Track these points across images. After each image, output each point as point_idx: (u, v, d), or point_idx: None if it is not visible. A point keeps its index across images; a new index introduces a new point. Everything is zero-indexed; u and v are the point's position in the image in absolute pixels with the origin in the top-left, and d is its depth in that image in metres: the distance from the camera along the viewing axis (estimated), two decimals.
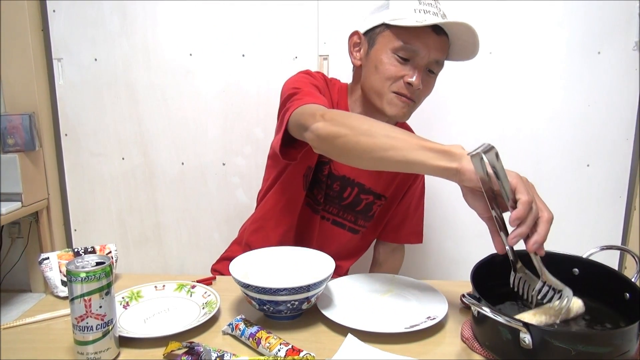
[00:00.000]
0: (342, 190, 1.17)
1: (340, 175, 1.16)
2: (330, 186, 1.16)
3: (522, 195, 0.68)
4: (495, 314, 0.65)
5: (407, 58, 1.02)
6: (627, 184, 1.87)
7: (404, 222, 1.31)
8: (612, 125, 1.82)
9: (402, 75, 1.03)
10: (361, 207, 1.20)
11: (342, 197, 1.18)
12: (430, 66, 1.05)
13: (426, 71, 1.05)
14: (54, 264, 0.96)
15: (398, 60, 1.03)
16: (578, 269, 0.84)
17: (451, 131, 1.87)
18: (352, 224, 1.22)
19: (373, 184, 1.19)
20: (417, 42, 1.01)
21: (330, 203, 1.19)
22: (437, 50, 1.02)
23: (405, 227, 1.32)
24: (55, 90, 1.99)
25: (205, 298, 0.90)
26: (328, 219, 1.20)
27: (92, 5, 1.89)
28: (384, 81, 1.04)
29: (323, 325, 0.82)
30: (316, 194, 1.17)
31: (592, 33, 1.76)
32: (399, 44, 1.01)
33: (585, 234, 1.89)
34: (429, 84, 1.08)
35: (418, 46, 1.01)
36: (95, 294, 0.69)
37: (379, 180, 1.20)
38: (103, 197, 2.06)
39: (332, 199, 1.18)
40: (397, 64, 1.03)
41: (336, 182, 1.16)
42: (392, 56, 1.03)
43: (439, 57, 1.04)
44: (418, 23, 0.97)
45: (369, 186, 1.19)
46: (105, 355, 0.71)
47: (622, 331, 0.66)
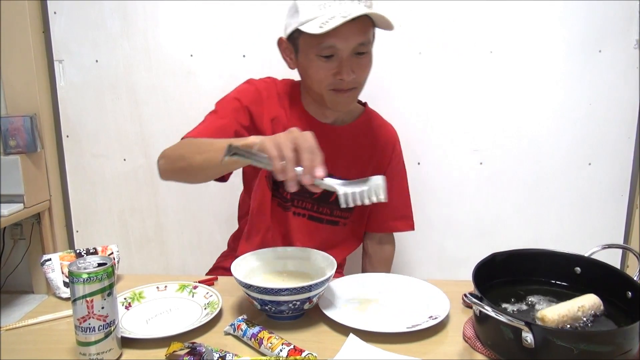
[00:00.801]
0: None
1: None
2: None
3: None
4: (497, 313, 0.65)
5: (330, 55, 1.02)
6: (629, 182, 1.86)
7: (385, 208, 1.24)
8: (613, 124, 1.82)
9: (332, 73, 1.03)
10: (333, 198, 1.16)
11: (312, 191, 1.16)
12: (357, 50, 1.03)
13: (355, 56, 1.04)
14: (56, 265, 0.96)
15: (323, 60, 1.03)
16: (580, 268, 0.84)
17: (452, 131, 1.87)
18: (328, 216, 1.20)
19: (343, 172, 1.16)
20: (333, 38, 0.99)
21: (301, 198, 1.17)
22: (356, 36, 1.01)
23: (388, 213, 1.27)
24: (57, 91, 1.99)
25: (207, 298, 0.90)
26: (303, 214, 1.18)
27: (92, 7, 1.89)
28: (318, 83, 1.06)
29: (325, 325, 0.82)
30: (282, 191, 1.16)
31: (593, 31, 1.76)
32: (317, 46, 1.01)
33: (587, 233, 1.89)
34: (363, 64, 1.07)
35: (335, 42, 1.00)
36: (97, 295, 0.69)
37: (350, 168, 1.17)
38: (105, 198, 2.06)
39: (301, 194, 1.15)
40: (323, 64, 1.03)
41: None
42: (315, 58, 1.03)
43: (361, 40, 1.02)
44: (321, 29, 0.95)
45: (338, 175, 1.13)
46: (107, 356, 0.71)
47: (624, 330, 0.66)
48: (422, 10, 1.79)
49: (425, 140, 1.89)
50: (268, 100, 1.14)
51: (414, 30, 1.81)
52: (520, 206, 1.89)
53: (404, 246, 1.98)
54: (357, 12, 0.95)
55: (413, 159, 1.91)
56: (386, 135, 1.27)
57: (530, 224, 1.90)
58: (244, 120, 1.10)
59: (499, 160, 1.88)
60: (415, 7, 1.79)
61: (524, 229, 1.90)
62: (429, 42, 1.81)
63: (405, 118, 1.88)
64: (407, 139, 1.89)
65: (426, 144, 1.89)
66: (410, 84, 1.85)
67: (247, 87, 1.16)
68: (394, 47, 1.83)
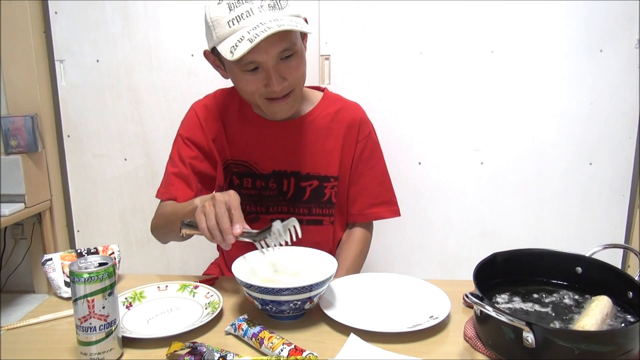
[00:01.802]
0: (279, 184, 1.10)
1: (270, 171, 1.10)
2: (267, 186, 1.10)
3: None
4: (498, 313, 0.65)
5: (255, 67, 0.95)
6: (630, 182, 1.86)
7: (363, 196, 1.15)
8: (614, 123, 1.82)
9: (262, 85, 0.97)
10: (307, 195, 1.11)
11: (284, 192, 1.11)
12: (282, 56, 0.95)
13: (282, 62, 0.96)
14: (57, 265, 0.96)
15: (249, 73, 0.96)
16: (581, 268, 0.84)
17: (453, 131, 1.87)
18: (308, 216, 1.12)
19: (311, 167, 1.10)
20: (251, 55, 0.92)
21: (275, 202, 1.12)
22: (274, 47, 0.93)
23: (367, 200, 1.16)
24: (58, 91, 1.99)
25: (208, 298, 0.90)
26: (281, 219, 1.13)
27: (93, 7, 1.89)
28: (251, 95, 1.01)
29: (325, 325, 0.82)
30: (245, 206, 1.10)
31: (594, 31, 1.76)
32: (238, 63, 0.94)
33: (588, 233, 1.89)
34: (293, 67, 0.98)
35: (254, 57, 0.93)
36: (98, 295, 0.69)
37: (318, 162, 1.11)
38: (106, 198, 2.06)
39: (274, 197, 1.11)
40: (250, 78, 0.97)
41: (270, 179, 1.10)
42: (241, 73, 0.97)
43: (281, 47, 0.94)
44: (232, 55, 0.89)
45: (307, 171, 1.10)
46: (108, 355, 0.71)
47: (625, 330, 0.66)
48: (422, 10, 1.79)
49: (426, 140, 1.89)
50: (206, 122, 1.11)
51: (415, 30, 1.81)
52: (521, 206, 1.89)
53: (404, 246, 1.98)
54: (264, 33, 0.87)
55: (414, 158, 1.91)
56: (349, 118, 1.14)
57: (531, 223, 1.90)
58: (191, 152, 1.11)
59: (500, 160, 1.88)
60: (415, 7, 1.79)
61: (524, 229, 1.90)
62: (429, 42, 1.81)
63: (406, 118, 1.88)
64: (407, 139, 1.90)
65: (427, 144, 1.89)
66: (411, 83, 1.85)
67: (187, 116, 1.14)
68: (394, 47, 1.83)
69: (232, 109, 1.12)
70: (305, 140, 1.11)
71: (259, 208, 1.12)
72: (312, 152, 1.11)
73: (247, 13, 0.90)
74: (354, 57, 1.85)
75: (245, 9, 0.90)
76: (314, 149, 1.11)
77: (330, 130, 1.12)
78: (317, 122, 1.11)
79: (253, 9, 0.90)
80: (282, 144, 1.10)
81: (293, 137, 1.10)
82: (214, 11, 0.93)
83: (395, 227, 1.95)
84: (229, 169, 1.13)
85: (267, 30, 0.87)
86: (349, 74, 1.87)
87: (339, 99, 1.18)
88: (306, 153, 1.11)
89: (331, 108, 1.13)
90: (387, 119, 1.87)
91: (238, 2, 0.91)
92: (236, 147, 1.12)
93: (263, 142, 1.10)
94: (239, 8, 0.91)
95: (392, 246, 1.98)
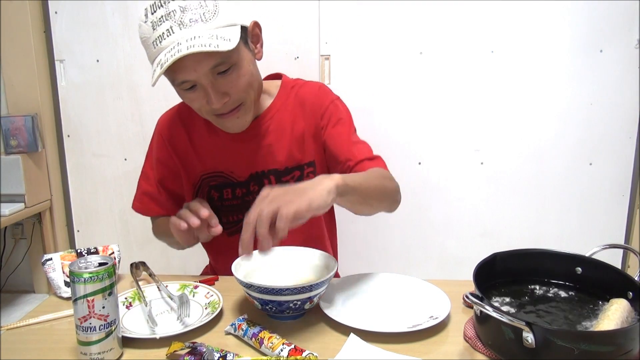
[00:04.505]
0: (261, 186, 1.04)
1: (248, 175, 1.07)
2: (248, 191, 1.08)
3: None
4: (498, 313, 0.65)
5: (193, 85, 0.90)
6: (630, 182, 1.86)
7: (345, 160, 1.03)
8: (614, 124, 1.82)
9: (205, 102, 0.92)
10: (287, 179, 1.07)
11: None
12: (218, 71, 0.89)
13: (219, 77, 0.90)
14: (57, 264, 0.96)
15: (189, 92, 0.91)
16: (581, 268, 0.84)
17: (453, 131, 1.87)
18: None
19: (288, 160, 1.06)
20: (179, 75, 0.88)
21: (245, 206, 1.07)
22: (201, 65, 0.86)
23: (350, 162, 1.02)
24: (58, 91, 1.99)
25: (207, 298, 0.90)
26: None
27: (93, 7, 1.89)
28: (199, 112, 0.97)
29: (325, 325, 0.82)
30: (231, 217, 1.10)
31: (594, 31, 1.76)
32: (173, 82, 0.91)
33: (588, 233, 1.89)
34: (233, 80, 0.91)
35: (184, 77, 0.88)
36: (98, 295, 0.69)
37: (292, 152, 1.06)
38: (106, 198, 2.06)
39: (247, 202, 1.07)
40: (192, 95, 0.92)
41: (250, 184, 1.07)
42: (181, 92, 0.93)
43: (211, 64, 0.87)
44: (153, 80, 0.85)
45: (285, 165, 1.06)
46: (108, 355, 0.71)
47: (625, 330, 0.66)
48: (422, 10, 1.79)
49: (426, 140, 1.89)
50: (170, 140, 1.10)
51: (415, 30, 1.81)
52: (521, 206, 1.90)
53: (404, 246, 1.98)
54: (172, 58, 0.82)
55: (414, 158, 1.91)
56: (308, 97, 1.08)
57: (531, 223, 1.90)
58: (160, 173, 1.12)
59: (500, 160, 1.88)
60: (415, 7, 1.79)
61: (524, 229, 1.90)
62: (429, 42, 1.81)
63: (406, 118, 1.88)
64: (407, 139, 1.90)
65: (427, 144, 1.89)
66: (411, 83, 1.85)
67: (155, 133, 1.13)
68: (394, 47, 1.83)
69: (197, 121, 1.07)
70: (273, 135, 1.06)
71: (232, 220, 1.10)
72: (283, 144, 1.06)
73: (168, 32, 0.84)
74: (354, 57, 1.85)
75: (166, 27, 0.84)
76: (284, 141, 1.06)
77: (295, 116, 1.07)
78: (280, 113, 1.07)
79: (173, 27, 0.84)
80: (252, 146, 1.06)
81: (261, 136, 1.06)
82: (141, 31, 0.89)
83: (395, 227, 1.95)
84: (205, 184, 1.09)
85: (176, 55, 0.81)
86: (349, 74, 1.87)
87: (296, 83, 1.11)
88: (278, 147, 1.06)
89: (290, 95, 1.08)
90: (387, 118, 1.87)
91: (160, 21, 0.85)
92: (207, 160, 1.08)
93: (232, 149, 1.06)
94: (160, 27, 0.85)
95: (392, 246, 1.98)
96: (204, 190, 1.10)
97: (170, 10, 0.85)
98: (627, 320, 0.71)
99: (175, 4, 0.85)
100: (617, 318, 0.70)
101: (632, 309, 0.74)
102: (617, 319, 0.70)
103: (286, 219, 0.69)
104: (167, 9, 0.85)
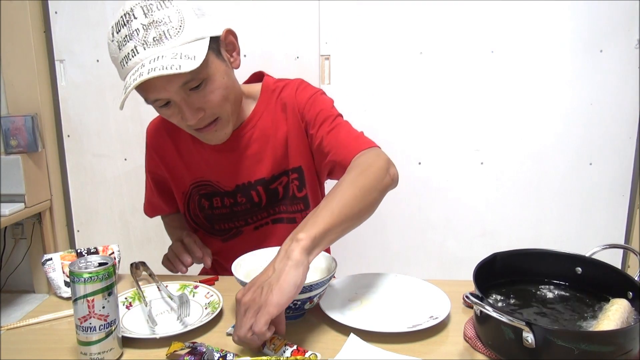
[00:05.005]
0: (249, 197, 1.06)
1: (234, 186, 1.05)
2: (235, 202, 1.06)
3: None
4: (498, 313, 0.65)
5: (167, 102, 0.88)
6: (630, 182, 1.86)
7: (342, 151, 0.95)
8: (614, 124, 1.82)
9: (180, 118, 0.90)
10: (282, 194, 1.06)
11: (256, 202, 1.06)
12: (188, 88, 0.86)
13: (193, 92, 0.87)
14: (57, 264, 0.96)
15: (164, 108, 0.90)
16: (581, 268, 0.84)
17: (453, 131, 1.87)
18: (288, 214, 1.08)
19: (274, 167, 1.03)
20: (150, 94, 0.86)
21: (251, 214, 1.08)
22: (173, 82, 0.83)
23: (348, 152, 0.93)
24: (58, 91, 1.99)
25: (208, 298, 0.90)
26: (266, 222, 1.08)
27: (93, 7, 1.89)
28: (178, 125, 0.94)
29: (325, 325, 0.82)
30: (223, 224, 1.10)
31: (594, 31, 1.76)
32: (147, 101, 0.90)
33: (588, 233, 1.89)
34: (207, 95, 0.88)
35: (155, 96, 0.86)
36: (98, 295, 0.69)
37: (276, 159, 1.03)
38: (106, 198, 2.06)
39: (249, 210, 1.07)
40: (167, 112, 0.90)
41: (237, 195, 1.06)
42: (157, 109, 0.92)
43: (181, 82, 0.84)
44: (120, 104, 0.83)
45: (271, 172, 1.03)
46: (108, 355, 0.71)
47: (625, 330, 0.66)
48: (422, 10, 1.79)
49: (426, 140, 1.89)
50: (157, 151, 1.12)
51: (415, 30, 1.81)
52: (521, 206, 1.90)
53: (404, 246, 1.98)
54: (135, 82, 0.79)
55: (414, 158, 1.91)
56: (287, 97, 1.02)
57: (531, 223, 1.90)
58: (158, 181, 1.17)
59: (500, 160, 1.88)
60: (415, 7, 1.79)
61: (524, 229, 1.90)
62: (429, 42, 1.81)
63: (406, 118, 1.88)
64: (407, 139, 1.90)
65: (427, 144, 1.89)
66: (411, 83, 1.85)
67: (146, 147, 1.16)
68: (394, 47, 1.83)
69: (182, 131, 1.01)
70: (257, 144, 1.03)
71: (238, 223, 1.10)
72: (267, 153, 1.03)
73: (132, 52, 0.82)
74: (354, 57, 1.85)
75: (130, 47, 0.82)
76: (268, 149, 1.03)
77: (277, 121, 1.03)
78: (263, 120, 1.03)
79: (137, 46, 0.81)
80: (236, 156, 1.04)
81: (244, 146, 1.03)
82: (110, 50, 0.87)
83: (395, 227, 1.95)
84: (195, 192, 1.09)
85: (138, 79, 0.79)
86: (349, 74, 1.87)
87: (277, 85, 1.05)
88: (263, 156, 1.03)
89: (272, 99, 1.04)
90: (387, 118, 1.87)
91: (124, 40, 0.82)
92: (195, 170, 1.08)
93: (217, 160, 1.05)
94: (125, 47, 0.83)
95: (392, 246, 1.98)
96: (195, 199, 1.10)
97: (133, 29, 0.81)
98: (627, 320, 0.71)
99: (137, 22, 0.81)
100: (617, 318, 0.70)
101: (632, 309, 0.74)
102: (617, 319, 0.70)
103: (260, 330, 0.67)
104: (130, 29, 0.82)
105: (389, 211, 1.91)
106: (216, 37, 0.89)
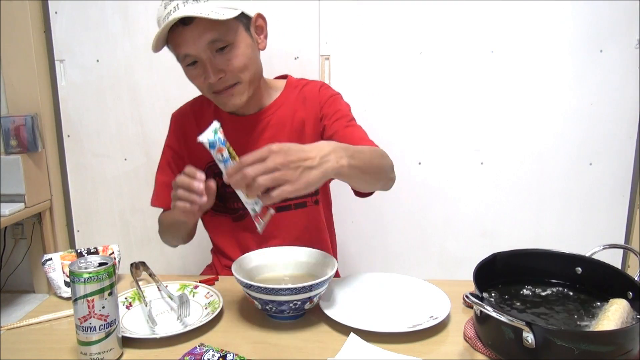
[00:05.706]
0: None
1: None
2: None
3: None
4: (498, 313, 0.65)
5: (194, 61, 0.98)
6: (630, 182, 1.86)
7: None
8: (614, 124, 1.82)
9: (203, 78, 0.99)
10: None
11: None
12: (216, 48, 0.96)
13: (217, 53, 0.97)
14: (57, 264, 0.96)
15: (191, 68, 0.99)
16: (581, 268, 0.84)
17: (453, 131, 1.87)
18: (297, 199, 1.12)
19: None
20: (179, 49, 0.96)
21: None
22: (199, 39, 0.94)
23: None
24: (58, 91, 1.99)
25: (208, 298, 0.90)
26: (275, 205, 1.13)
27: (94, 7, 1.89)
28: (200, 90, 1.05)
29: (325, 325, 0.82)
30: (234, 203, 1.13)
31: (594, 31, 1.76)
32: (177, 58, 1.00)
33: (588, 233, 1.89)
34: (230, 59, 0.97)
35: (184, 51, 0.96)
36: (98, 295, 0.69)
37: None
38: (106, 198, 2.06)
39: None
40: (193, 72, 1.00)
41: None
42: (185, 68, 1.01)
43: (209, 39, 0.94)
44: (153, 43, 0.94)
45: None
46: (108, 355, 0.71)
47: (625, 330, 0.66)
48: (422, 10, 1.79)
49: (426, 140, 1.89)
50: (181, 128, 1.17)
51: (415, 30, 1.81)
52: (521, 206, 1.89)
53: (404, 246, 1.98)
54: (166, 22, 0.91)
55: (414, 158, 1.91)
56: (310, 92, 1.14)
57: (531, 223, 1.90)
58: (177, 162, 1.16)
59: (500, 160, 1.88)
60: (415, 7, 1.79)
61: (524, 229, 1.90)
62: (429, 42, 1.81)
63: (406, 118, 1.88)
64: (407, 139, 1.90)
65: (427, 144, 1.89)
66: (411, 83, 1.85)
67: (170, 128, 1.20)
68: (394, 47, 1.83)
69: (207, 113, 1.14)
70: (274, 129, 1.11)
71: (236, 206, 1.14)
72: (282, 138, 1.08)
73: (174, 9, 0.92)
74: (354, 57, 1.85)
75: (174, 5, 0.92)
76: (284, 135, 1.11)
77: (296, 110, 1.12)
78: (283, 108, 1.12)
79: (179, 4, 0.92)
80: (256, 137, 1.11)
81: (261, 129, 1.11)
82: (157, 13, 0.98)
83: (395, 227, 1.95)
84: (210, 172, 1.11)
85: (169, 18, 0.90)
86: (349, 74, 1.86)
87: (301, 82, 1.17)
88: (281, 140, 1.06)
89: (294, 92, 1.15)
90: (387, 118, 1.87)
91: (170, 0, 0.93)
92: None
93: (238, 139, 1.07)
94: (169, 5, 0.93)
95: (392, 246, 1.98)
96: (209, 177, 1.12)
97: None
98: (627, 320, 0.71)
99: None
100: (617, 318, 0.70)
101: (632, 309, 0.74)
102: (617, 319, 0.70)
103: (279, 197, 0.73)
104: None
105: (389, 211, 1.91)
106: (248, 17, 1.00)
